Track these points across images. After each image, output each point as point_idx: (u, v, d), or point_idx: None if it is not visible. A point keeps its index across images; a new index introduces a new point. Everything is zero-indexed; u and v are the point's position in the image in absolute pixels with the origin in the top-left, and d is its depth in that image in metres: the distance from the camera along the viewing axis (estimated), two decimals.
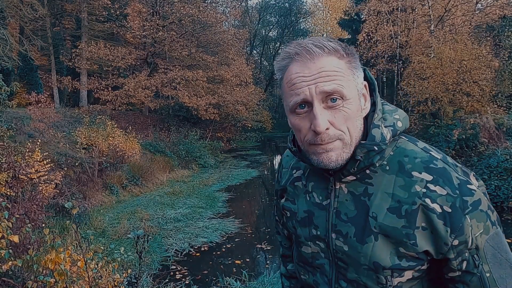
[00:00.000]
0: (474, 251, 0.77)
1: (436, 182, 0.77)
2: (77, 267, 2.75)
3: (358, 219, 0.83)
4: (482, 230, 0.76)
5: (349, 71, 0.78)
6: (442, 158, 0.81)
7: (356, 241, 0.83)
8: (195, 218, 8.31)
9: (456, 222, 0.75)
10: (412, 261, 0.79)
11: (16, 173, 6.17)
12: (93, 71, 18.66)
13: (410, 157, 0.81)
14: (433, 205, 0.76)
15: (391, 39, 18.08)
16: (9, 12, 13.43)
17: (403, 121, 0.84)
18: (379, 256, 0.80)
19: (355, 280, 0.85)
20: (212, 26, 18.62)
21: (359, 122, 0.80)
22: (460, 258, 0.77)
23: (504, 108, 12.41)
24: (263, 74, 35.99)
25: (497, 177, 8.45)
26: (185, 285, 5.27)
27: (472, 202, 0.76)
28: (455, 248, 0.76)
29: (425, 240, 0.77)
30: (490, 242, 0.77)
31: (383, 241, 0.80)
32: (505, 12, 15.11)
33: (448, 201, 0.76)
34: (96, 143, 10.97)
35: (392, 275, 0.81)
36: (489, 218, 0.77)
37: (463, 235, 0.75)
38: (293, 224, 0.97)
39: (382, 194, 0.81)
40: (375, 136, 0.79)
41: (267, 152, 21.30)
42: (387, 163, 0.82)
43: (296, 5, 36.00)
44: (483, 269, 0.77)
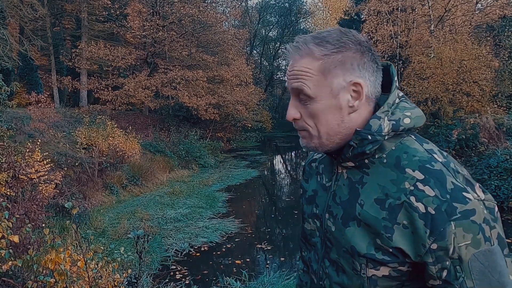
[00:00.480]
0: (457, 262, 0.72)
1: (427, 182, 0.76)
2: (77, 267, 2.75)
3: (348, 203, 0.86)
4: (470, 242, 0.71)
5: (320, 72, 0.82)
6: (443, 162, 0.79)
7: (342, 223, 0.86)
8: (195, 218, 8.31)
9: (437, 225, 0.72)
10: (387, 256, 0.79)
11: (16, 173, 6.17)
12: (93, 71, 18.66)
13: (409, 154, 0.81)
14: (417, 204, 0.75)
15: (391, 39, 18.08)
16: (9, 12, 13.43)
17: (414, 119, 0.84)
18: (357, 241, 0.82)
19: (336, 261, 0.89)
20: (212, 26, 18.62)
21: (331, 118, 0.84)
22: (440, 265, 0.74)
23: (504, 108, 12.41)
24: (263, 74, 35.98)
25: (497, 177, 8.45)
26: (185, 285, 5.27)
27: (463, 210, 0.72)
28: (434, 253, 0.74)
29: (403, 238, 0.76)
30: (480, 258, 0.72)
31: (363, 229, 0.82)
32: (505, 12, 15.11)
33: (434, 203, 0.73)
34: (96, 143, 10.97)
35: (367, 264, 0.81)
36: (483, 232, 0.72)
37: (443, 240, 0.72)
38: (302, 201, 1.05)
39: (373, 185, 0.83)
40: (371, 126, 0.82)
41: (267, 152, 21.30)
42: (386, 157, 0.83)
43: (296, 5, 35.98)
44: (464, 284, 0.72)
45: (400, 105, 0.85)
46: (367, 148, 0.82)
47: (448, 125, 11.77)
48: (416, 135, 0.87)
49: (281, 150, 23.83)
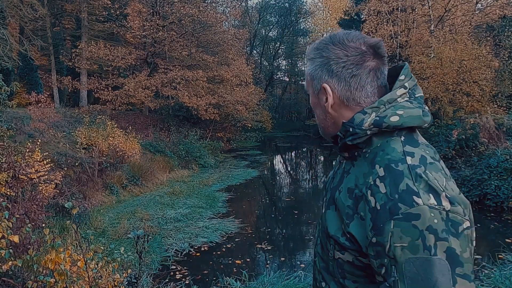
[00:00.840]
0: (393, 261, 0.73)
1: (384, 179, 0.78)
2: (77, 267, 2.75)
3: (334, 189, 0.96)
4: (407, 245, 0.71)
5: (308, 74, 0.98)
6: (411, 165, 0.78)
7: (326, 206, 0.97)
8: (195, 218, 8.31)
9: (378, 221, 0.75)
10: (347, 241, 0.84)
11: (16, 173, 6.17)
12: (93, 71, 18.65)
13: (384, 152, 0.84)
14: (370, 198, 0.79)
15: (391, 39, 18.08)
16: (9, 12, 13.43)
17: (405, 118, 0.83)
18: (330, 223, 0.91)
19: (319, 241, 0.99)
20: (212, 26, 18.62)
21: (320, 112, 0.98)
22: (379, 260, 0.76)
23: (504, 108, 12.41)
24: (263, 74, 35.97)
25: (497, 177, 8.45)
26: (185, 285, 5.27)
27: (406, 212, 0.72)
28: (374, 246, 0.76)
29: (358, 228, 0.81)
30: (415, 264, 0.71)
31: (336, 213, 0.90)
32: (505, 12, 15.11)
33: (382, 200, 0.76)
34: (96, 143, 10.97)
35: (335, 246, 0.88)
36: (424, 239, 0.70)
37: (381, 236, 0.74)
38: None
39: (353, 176, 0.90)
40: (354, 119, 0.88)
41: (267, 152, 21.30)
42: (370, 152, 0.88)
43: (296, 5, 35.99)
44: (397, 285, 0.72)
45: (400, 103, 0.85)
46: (347, 139, 0.89)
47: (448, 125, 11.77)
48: (410, 137, 0.85)
49: (281, 150, 23.83)
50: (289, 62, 40.25)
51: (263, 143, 24.89)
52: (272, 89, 39.32)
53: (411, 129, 0.86)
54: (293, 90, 39.83)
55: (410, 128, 0.85)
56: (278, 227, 8.51)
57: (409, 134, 0.86)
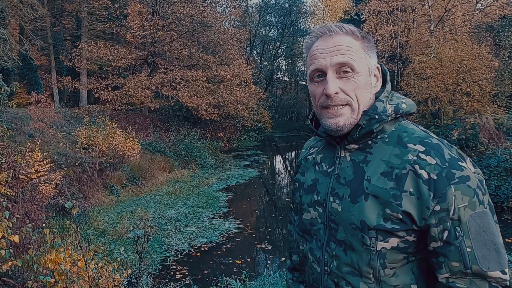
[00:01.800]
0: (457, 223, 0.80)
1: (428, 152, 0.84)
2: (77, 267, 2.75)
3: (354, 182, 0.92)
4: (467, 204, 0.80)
5: (361, 50, 0.92)
6: (438, 138, 0.89)
7: (350, 201, 0.91)
8: (195, 218, 8.31)
9: (439, 188, 0.80)
10: (396, 224, 0.84)
11: (16, 173, 6.16)
12: (93, 71, 18.65)
13: (408, 133, 0.91)
14: (420, 171, 0.83)
15: (391, 39, 18.08)
16: (9, 12, 13.42)
17: (409, 106, 0.94)
18: (367, 214, 0.87)
19: (343, 240, 0.91)
20: (212, 26, 18.62)
21: (367, 94, 0.93)
22: (441, 226, 0.81)
23: (504, 108, 12.41)
24: (263, 74, 35.95)
25: (497, 177, 8.45)
26: (185, 285, 5.27)
27: (460, 176, 0.80)
28: (437, 214, 0.81)
29: (410, 204, 0.83)
30: (476, 219, 0.80)
31: (372, 202, 0.87)
32: (505, 12, 15.10)
33: (436, 170, 0.82)
34: (96, 143, 10.97)
35: (377, 237, 0.86)
36: (477, 196, 0.80)
37: (445, 202, 0.80)
38: (300, 193, 1.07)
39: (378, 161, 0.90)
40: (377, 107, 0.91)
41: (267, 152, 21.30)
42: (388, 137, 0.92)
43: (296, 5, 35.99)
44: (463, 243, 0.79)
45: (395, 95, 0.97)
46: (374, 126, 0.90)
47: (448, 125, 11.77)
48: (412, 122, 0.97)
49: (281, 150, 23.82)
50: (289, 62, 40.26)
51: (263, 143, 24.89)
52: (272, 89, 39.32)
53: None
54: (293, 90, 39.85)
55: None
56: (278, 227, 8.51)
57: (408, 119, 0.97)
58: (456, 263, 0.80)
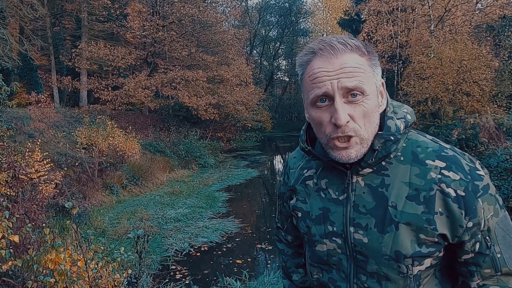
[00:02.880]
0: (486, 233, 0.81)
1: (450, 168, 0.82)
2: (77, 267, 2.75)
3: (378, 210, 0.85)
4: (493, 212, 0.81)
5: (369, 68, 0.82)
6: (451, 148, 0.87)
7: (377, 231, 0.84)
8: (195, 218, 8.31)
9: (470, 204, 0.79)
10: (432, 247, 0.83)
11: (16, 173, 6.16)
12: (93, 71, 18.64)
13: (422, 147, 0.86)
14: (448, 190, 0.80)
15: (391, 39, 18.08)
16: (9, 12, 13.42)
17: (411, 114, 0.90)
18: (401, 244, 0.82)
19: (376, 272, 0.86)
20: (212, 26, 18.62)
21: (375, 118, 0.83)
22: (473, 240, 0.81)
23: (504, 108, 12.40)
24: (263, 74, 35.96)
25: (497, 177, 8.44)
26: (185, 285, 5.27)
27: (483, 186, 0.81)
28: (470, 230, 0.81)
29: (443, 225, 0.81)
30: (500, 224, 0.82)
31: (404, 230, 0.82)
32: (505, 12, 15.10)
33: (462, 185, 0.80)
34: (96, 143, 10.97)
35: (413, 263, 0.83)
36: (498, 202, 0.82)
37: (476, 217, 0.80)
38: (307, 224, 0.97)
39: (399, 184, 0.84)
40: (390, 127, 0.84)
41: (267, 152, 21.29)
42: (401, 154, 0.86)
43: (296, 5, 35.98)
44: (494, 250, 0.81)
45: (393, 105, 0.90)
46: (392, 149, 0.84)
47: (448, 125, 11.76)
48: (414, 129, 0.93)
49: (281, 150, 23.81)
50: (289, 62, 40.24)
51: (263, 143, 24.89)
52: (272, 89, 39.31)
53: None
54: (293, 90, 39.82)
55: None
56: None
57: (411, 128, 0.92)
58: (488, 270, 0.83)
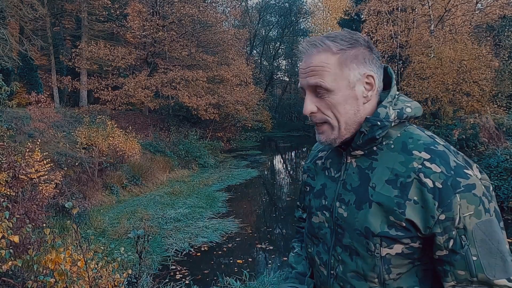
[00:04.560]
0: (462, 231, 0.80)
1: (433, 160, 0.84)
2: (77, 267, 2.75)
3: (360, 188, 0.92)
4: (473, 212, 0.79)
5: (337, 66, 0.90)
6: (444, 145, 0.88)
7: (355, 208, 0.92)
8: (195, 218, 8.31)
9: (445, 197, 0.80)
10: (400, 231, 0.85)
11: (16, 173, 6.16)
12: (93, 71, 18.65)
13: (414, 139, 0.89)
14: (425, 180, 0.82)
15: (391, 39, 18.08)
16: (9, 12, 13.42)
17: (414, 109, 0.92)
18: (371, 221, 0.88)
19: (349, 246, 0.93)
20: (212, 26, 18.62)
21: (351, 108, 0.91)
22: (447, 235, 0.81)
23: (504, 108, 12.41)
24: (263, 74, 35.94)
25: (497, 177, 8.45)
26: (185, 285, 5.27)
27: (466, 184, 0.80)
28: (441, 223, 0.81)
29: (414, 212, 0.83)
30: (481, 227, 0.80)
31: (376, 209, 0.87)
32: (505, 12, 15.10)
33: (441, 178, 0.81)
34: (96, 143, 10.97)
35: (381, 243, 0.87)
36: (483, 204, 0.80)
37: (450, 211, 0.80)
38: (309, 197, 1.09)
39: (383, 168, 0.90)
40: (379, 113, 0.90)
41: (267, 152, 21.29)
42: (393, 143, 0.91)
43: (296, 5, 35.96)
44: (469, 251, 0.80)
45: (400, 98, 0.95)
46: (376, 133, 0.89)
47: (448, 125, 11.76)
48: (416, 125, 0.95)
49: (281, 150, 23.82)
50: (289, 62, 40.23)
51: (263, 143, 24.89)
52: (272, 89, 39.30)
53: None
54: (293, 90, 39.80)
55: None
56: (278, 227, 8.51)
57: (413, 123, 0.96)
58: (462, 272, 0.81)
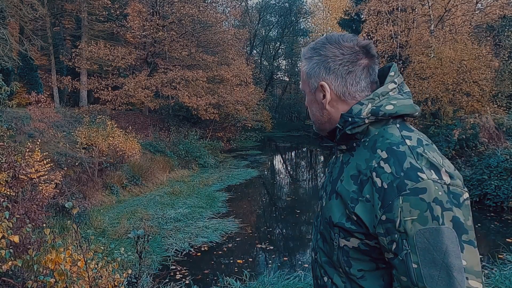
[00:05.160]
0: (404, 236, 0.78)
1: (387, 160, 0.84)
2: (77, 267, 2.75)
3: (335, 180, 0.99)
4: (416, 217, 0.76)
5: (304, 73, 1.02)
6: (411, 146, 0.84)
7: (327, 198, 0.99)
8: (195, 218, 8.31)
9: (387, 198, 0.80)
10: (353, 225, 0.87)
11: (16, 173, 6.16)
12: (93, 71, 18.64)
13: (384, 138, 0.90)
14: (376, 179, 0.83)
15: (391, 39, 18.07)
16: (9, 12, 13.42)
17: (398, 106, 0.91)
18: (333, 212, 0.93)
19: (322, 232, 1.01)
20: (212, 26, 18.61)
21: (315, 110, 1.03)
22: (389, 237, 0.80)
23: (504, 108, 12.40)
24: (263, 74, 35.92)
25: (497, 177, 8.45)
26: (185, 285, 5.27)
27: (413, 187, 0.77)
28: (383, 224, 0.80)
29: (363, 210, 0.85)
30: (426, 234, 0.75)
31: (339, 200, 0.93)
32: (505, 12, 15.09)
33: (388, 179, 0.81)
34: (96, 143, 10.97)
35: (339, 234, 0.91)
36: (432, 210, 0.75)
37: (391, 212, 0.79)
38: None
39: (353, 164, 0.94)
40: (353, 110, 0.93)
41: (267, 152, 21.29)
42: (368, 140, 0.93)
43: (296, 5, 35.95)
44: (409, 257, 0.77)
45: (392, 96, 0.93)
46: (347, 128, 0.93)
47: (448, 125, 11.76)
48: (403, 124, 0.93)
49: (281, 150, 23.82)
50: (289, 62, 40.22)
51: (263, 143, 24.89)
52: (272, 89, 39.30)
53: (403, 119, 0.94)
54: (293, 90, 39.78)
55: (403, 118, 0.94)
56: (278, 227, 8.51)
57: (402, 122, 0.94)
58: (403, 277, 0.79)
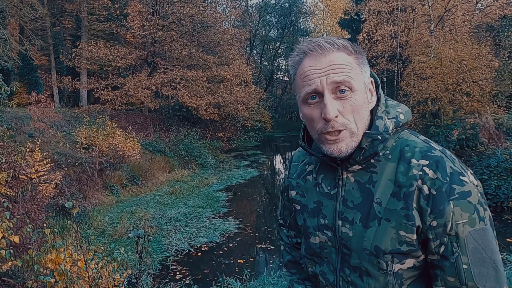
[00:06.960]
0: (454, 238, 0.78)
1: (431, 166, 0.82)
2: (77, 267, 2.75)
3: (364, 205, 0.88)
4: (466, 220, 0.78)
5: (357, 66, 0.85)
6: (441, 150, 0.85)
7: (362, 226, 0.87)
8: (195, 218, 8.31)
9: (438, 204, 0.79)
10: (411, 246, 0.83)
11: (16, 173, 6.16)
12: (93, 71, 18.64)
13: (410, 147, 0.87)
14: (422, 186, 0.81)
15: (391, 39, 18.08)
16: (9, 12, 13.42)
17: (406, 114, 0.90)
18: (381, 240, 0.84)
19: (358, 266, 0.89)
20: (212, 26, 18.62)
21: (365, 113, 0.86)
22: (438, 241, 0.80)
23: (504, 108, 12.40)
24: (263, 74, 35.94)
25: (497, 177, 8.45)
26: (185, 285, 5.27)
27: (461, 191, 0.78)
28: (433, 229, 0.80)
29: (418, 219, 0.82)
30: (474, 235, 0.78)
31: (385, 226, 0.84)
32: (505, 12, 15.10)
33: (436, 185, 0.79)
34: (96, 143, 10.97)
35: (393, 260, 0.84)
36: (478, 212, 0.78)
37: (442, 218, 0.78)
38: (303, 216, 1.02)
39: (385, 181, 0.86)
40: (378, 126, 0.86)
41: (267, 152, 21.29)
42: (390, 153, 0.88)
43: (296, 5, 35.97)
44: (460, 259, 0.78)
45: (388, 103, 0.92)
46: (379, 148, 0.86)
47: (448, 125, 11.76)
48: (408, 129, 0.93)
49: (281, 150, 23.82)
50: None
51: (263, 143, 24.89)
52: (272, 89, 39.32)
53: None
54: (293, 90, 39.61)
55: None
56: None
57: (406, 128, 0.93)
58: (451, 278, 0.80)
